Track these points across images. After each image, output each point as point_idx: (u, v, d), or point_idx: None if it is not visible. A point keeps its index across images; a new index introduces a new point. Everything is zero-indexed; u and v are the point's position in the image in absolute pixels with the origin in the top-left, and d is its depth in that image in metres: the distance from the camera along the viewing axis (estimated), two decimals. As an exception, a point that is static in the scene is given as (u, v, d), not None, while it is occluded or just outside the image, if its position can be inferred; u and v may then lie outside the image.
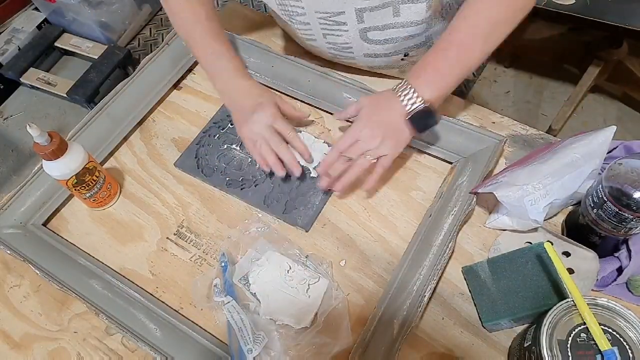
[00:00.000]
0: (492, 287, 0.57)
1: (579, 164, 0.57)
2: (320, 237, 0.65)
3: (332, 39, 0.71)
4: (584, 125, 1.66)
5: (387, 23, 0.66)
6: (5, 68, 1.88)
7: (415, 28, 0.67)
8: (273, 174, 0.68)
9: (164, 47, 0.80)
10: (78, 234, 0.68)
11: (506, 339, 0.56)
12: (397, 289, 0.58)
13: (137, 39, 2.12)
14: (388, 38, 0.68)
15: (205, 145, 0.74)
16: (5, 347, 0.60)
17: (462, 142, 0.67)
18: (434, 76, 0.61)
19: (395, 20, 0.66)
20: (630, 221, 0.51)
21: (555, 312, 0.46)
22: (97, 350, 0.59)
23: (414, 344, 0.56)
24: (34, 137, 0.58)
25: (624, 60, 1.55)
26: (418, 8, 0.64)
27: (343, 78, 0.74)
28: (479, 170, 0.64)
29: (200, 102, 0.80)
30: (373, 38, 0.69)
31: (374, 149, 0.61)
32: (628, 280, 0.57)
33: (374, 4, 0.63)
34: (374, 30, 0.67)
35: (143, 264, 0.65)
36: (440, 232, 0.61)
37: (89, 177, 0.64)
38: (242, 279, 0.61)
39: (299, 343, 0.56)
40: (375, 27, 0.67)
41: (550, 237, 0.60)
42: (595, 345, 0.44)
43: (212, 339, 0.58)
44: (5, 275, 0.66)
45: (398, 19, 0.65)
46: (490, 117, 0.73)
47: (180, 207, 0.69)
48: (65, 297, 0.62)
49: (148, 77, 0.78)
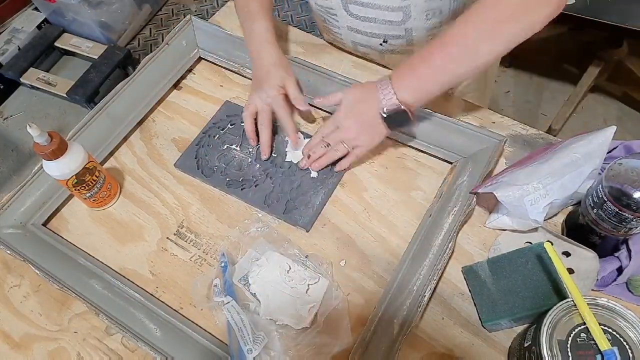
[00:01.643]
0: (492, 287, 0.57)
1: (579, 164, 0.57)
2: (320, 237, 0.65)
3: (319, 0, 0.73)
4: (584, 125, 1.66)
5: (365, 1, 0.68)
6: (5, 68, 1.88)
7: (392, 14, 0.69)
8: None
9: (164, 47, 0.80)
10: (78, 234, 0.68)
11: (506, 339, 0.56)
12: (397, 289, 0.58)
13: (137, 39, 2.12)
14: (367, 17, 0.71)
15: (205, 146, 0.74)
16: (5, 347, 0.60)
17: (462, 142, 0.67)
18: (416, 82, 0.62)
19: (372, 0, 0.68)
20: (630, 221, 0.51)
21: (555, 312, 0.46)
22: (97, 350, 0.59)
23: (414, 344, 0.56)
24: (34, 137, 0.58)
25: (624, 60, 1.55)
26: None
27: (343, 78, 0.74)
28: (479, 170, 0.64)
29: (200, 102, 0.80)
30: (354, 12, 0.71)
31: (351, 138, 0.66)
32: (628, 280, 0.57)
33: None
34: (353, 3, 0.70)
35: (143, 264, 0.65)
36: (440, 232, 0.61)
37: (89, 177, 0.64)
38: (242, 279, 0.61)
39: (299, 343, 0.56)
40: (354, 0, 0.69)
41: (550, 237, 0.60)
42: (595, 345, 0.44)
43: (212, 339, 0.58)
44: (5, 275, 0.66)
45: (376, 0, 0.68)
46: (490, 117, 0.73)
47: (180, 207, 0.69)
48: (65, 297, 0.62)
49: (148, 77, 0.78)
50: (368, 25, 0.72)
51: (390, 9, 0.68)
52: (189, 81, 0.83)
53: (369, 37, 0.75)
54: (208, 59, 0.83)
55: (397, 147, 0.72)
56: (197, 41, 0.82)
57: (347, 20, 0.74)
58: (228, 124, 0.76)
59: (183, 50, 0.81)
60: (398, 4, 0.67)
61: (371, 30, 0.73)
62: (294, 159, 0.71)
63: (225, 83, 0.82)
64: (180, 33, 0.81)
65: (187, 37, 0.82)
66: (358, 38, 0.76)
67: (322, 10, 0.76)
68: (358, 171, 0.70)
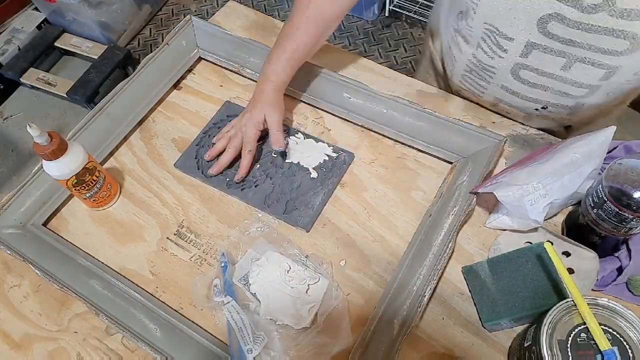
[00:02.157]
0: (492, 287, 0.57)
1: (579, 164, 0.57)
2: (320, 237, 0.65)
3: (480, 54, 0.63)
4: (584, 125, 1.66)
5: (548, 72, 0.59)
6: (5, 68, 1.88)
7: (576, 90, 0.60)
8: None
9: (164, 47, 0.80)
10: (78, 234, 0.68)
11: (506, 339, 0.56)
12: (397, 289, 0.58)
13: (137, 39, 2.12)
14: (539, 84, 0.62)
15: (205, 146, 0.74)
16: (5, 347, 0.60)
17: (462, 142, 0.67)
18: None
19: (559, 73, 0.59)
20: (630, 221, 0.51)
21: (555, 312, 0.46)
22: (97, 350, 0.59)
23: (414, 344, 0.56)
24: (34, 137, 0.58)
25: (624, 60, 1.55)
26: (592, 73, 0.57)
27: (343, 78, 0.74)
28: (479, 170, 0.64)
29: (200, 102, 0.80)
30: (523, 77, 0.62)
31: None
32: (628, 280, 0.57)
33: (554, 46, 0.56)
34: (530, 70, 0.60)
35: (143, 264, 0.65)
36: (440, 232, 0.61)
37: (89, 177, 0.64)
38: (242, 279, 0.62)
39: (299, 343, 0.56)
40: (533, 68, 0.60)
41: (550, 237, 0.60)
42: (595, 345, 0.44)
43: (212, 339, 0.58)
44: (5, 275, 0.66)
45: (563, 73, 0.59)
46: (490, 117, 0.73)
47: (180, 207, 0.69)
48: (65, 297, 0.62)
49: (148, 77, 0.78)
50: (532, 91, 0.63)
51: (578, 84, 0.59)
52: (189, 81, 0.83)
53: (524, 101, 0.66)
54: (208, 59, 0.83)
55: (397, 147, 0.72)
56: (197, 41, 0.82)
57: (507, 80, 0.64)
58: (228, 124, 0.76)
59: (183, 50, 0.81)
60: (590, 82, 0.58)
61: (534, 95, 0.64)
62: (294, 160, 0.71)
63: (225, 83, 0.82)
64: (180, 33, 0.81)
65: (187, 37, 0.82)
66: (507, 97, 0.67)
67: (476, 64, 0.65)
68: (358, 171, 0.70)
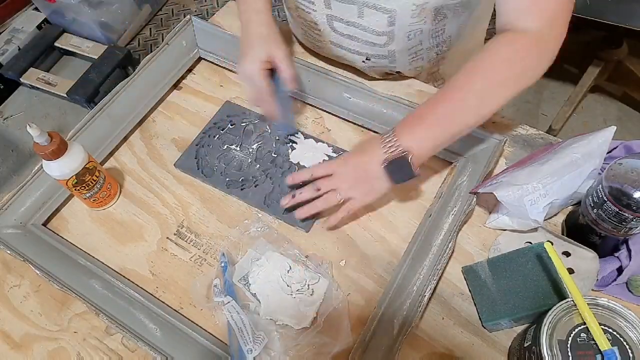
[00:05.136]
0: (492, 287, 0.57)
1: (579, 164, 0.57)
2: (320, 237, 0.65)
3: (302, 14, 0.72)
4: (584, 125, 1.66)
5: (351, 21, 0.67)
6: (5, 68, 1.88)
7: (376, 37, 0.68)
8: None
9: (164, 47, 0.80)
10: (78, 234, 0.68)
11: (506, 339, 0.56)
12: (397, 289, 0.58)
13: (137, 39, 2.12)
14: (351, 35, 0.70)
15: (205, 146, 0.74)
16: (5, 347, 0.60)
17: (462, 142, 0.67)
18: (422, 131, 0.58)
19: (358, 21, 0.66)
20: (630, 221, 0.51)
21: (555, 312, 0.46)
22: (97, 350, 0.59)
23: (414, 344, 0.56)
24: (34, 137, 0.58)
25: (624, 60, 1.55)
26: (379, 18, 0.64)
27: (343, 78, 0.74)
28: (479, 170, 0.64)
29: (200, 102, 0.80)
30: (338, 29, 0.70)
31: (344, 189, 0.61)
32: (628, 280, 0.57)
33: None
34: (339, 21, 0.68)
35: (143, 264, 0.65)
36: (440, 232, 0.61)
37: (89, 177, 0.64)
38: (242, 279, 0.61)
39: (299, 343, 0.56)
40: (340, 19, 0.68)
41: (550, 237, 0.60)
42: (595, 345, 0.44)
43: (212, 339, 0.58)
44: (5, 275, 0.66)
45: (361, 20, 0.66)
46: (490, 117, 0.72)
47: (180, 207, 0.69)
48: (65, 297, 0.62)
49: (148, 77, 0.78)
50: (351, 42, 0.71)
51: (376, 32, 0.67)
52: (189, 81, 0.83)
53: (352, 54, 0.73)
54: (208, 59, 0.83)
55: (397, 147, 0.71)
56: (197, 41, 0.82)
57: (331, 35, 0.72)
58: (228, 124, 0.76)
59: (183, 50, 0.81)
60: (383, 29, 0.66)
61: (352, 47, 0.72)
62: (294, 159, 0.71)
63: (225, 83, 0.82)
64: (180, 33, 0.81)
65: (187, 37, 0.82)
66: (342, 53, 0.75)
67: (304, 24, 0.74)
68: (358, 171, 0.70)
